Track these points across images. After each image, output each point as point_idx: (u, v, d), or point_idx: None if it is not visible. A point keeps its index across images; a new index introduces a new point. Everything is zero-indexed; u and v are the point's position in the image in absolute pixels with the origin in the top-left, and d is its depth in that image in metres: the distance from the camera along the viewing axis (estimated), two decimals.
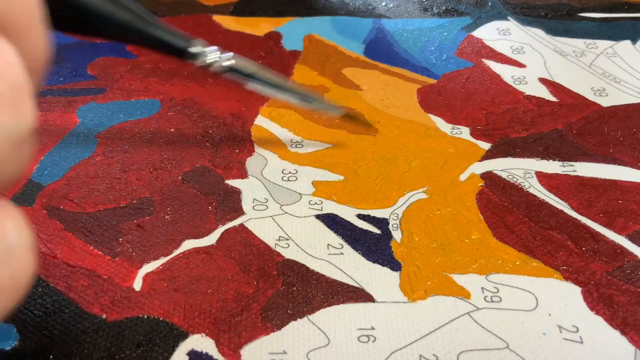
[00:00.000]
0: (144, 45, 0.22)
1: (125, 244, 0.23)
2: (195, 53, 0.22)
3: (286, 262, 0.22)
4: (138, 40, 0.22)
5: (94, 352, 0.19)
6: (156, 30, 0.21)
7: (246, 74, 0.23)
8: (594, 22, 0.36)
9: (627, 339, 0.20)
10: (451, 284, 0.22)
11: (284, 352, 0.19)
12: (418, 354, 0.19)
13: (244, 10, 0.37)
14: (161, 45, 0.22)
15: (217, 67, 0.23)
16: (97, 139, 0.28)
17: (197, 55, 0.22)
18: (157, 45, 0.22)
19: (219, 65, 0.23)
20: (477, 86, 0.31)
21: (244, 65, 0.23)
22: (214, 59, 0.22)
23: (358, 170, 0.26)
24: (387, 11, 0.37)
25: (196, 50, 0.22)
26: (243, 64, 0.23)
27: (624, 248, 0.23)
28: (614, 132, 0.28)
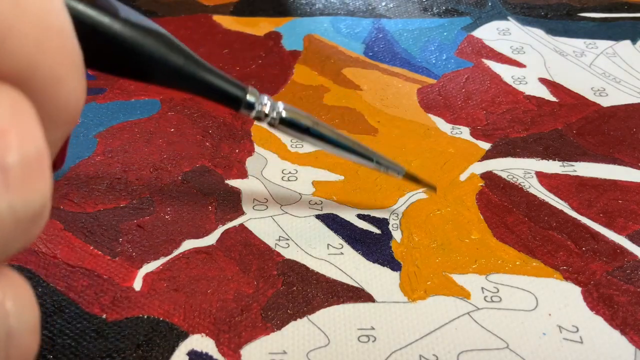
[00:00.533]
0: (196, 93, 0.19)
1: (125, 244, 0.23)
2: (252, 102, 0.20)
3: (286, 262, 0.22)
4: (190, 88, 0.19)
5: (94, 352, 0.19)
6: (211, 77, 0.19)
7: (302, 128, 0.21)
8: (594, 22, 0.36)
9: (627, 339, 0.20)
10: (451, 284, 0.22)
11: (284, 352, 0.19)
12: (418, 354, 0.19)
13: (244, 10, 0.37)
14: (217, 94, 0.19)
15: (272, 120, 0.20)
16: (97, 139, 0.28)
17: (253, 104, 0.20)
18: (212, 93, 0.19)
19: (272, 119, 0.20)
20: (477, 86, 0.31)
21: (299, 116, 0.21)
22: (268, 109, 0.20)
23: (358, 170, 0.26)
24: (387, 11, 0.37)
25: (252, 100, 0.20)
26: (299, 115, 0.21)
27: (624, 248, 0.23)
28: (614, 132, 0.28)
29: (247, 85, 0.20)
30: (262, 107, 0.20)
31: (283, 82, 0.31)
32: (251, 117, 0.20)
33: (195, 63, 0.18)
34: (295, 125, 0.21)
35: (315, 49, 0.34)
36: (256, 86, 0.31)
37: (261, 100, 0.20)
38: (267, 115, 0.20)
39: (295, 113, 0.21)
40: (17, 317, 0.10)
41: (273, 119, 0.20)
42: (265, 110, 0.20)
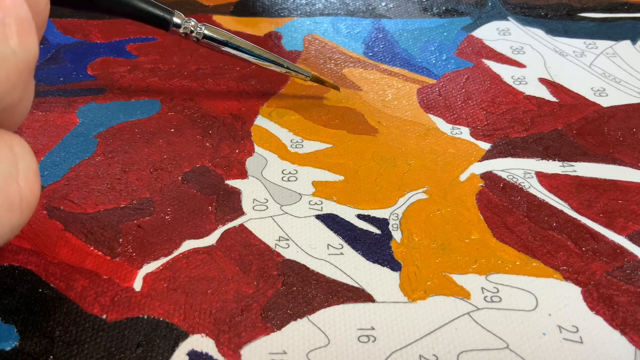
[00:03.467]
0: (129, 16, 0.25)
1: (125, 244, 0.23)
2: (178, 23, 0.26)
3: (286, 262, 0.22)
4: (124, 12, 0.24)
5: (94, 352, 0.19)
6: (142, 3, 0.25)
7: (220, 41, 0.27)
8: (594, 22, 0.36)
9: (627, 339, 0.20)
10: (451, 284, 0.22)
11: (284, 352, 0.19)
12: (418, 354, 0.19)
13: (244, 10, 0.37)
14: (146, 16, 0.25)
15: (195, 35, 0.26)
16: (97, 139, 0.28)
17: (179, 24, 0.26)
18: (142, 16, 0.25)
19: (197, 33, 0.26)
20: (477, 86, 0.31)
21: (218, 33, 0.27)
22: (192, 27, 0.26)
23: (358, 170, 0.26)
24: (387, 11, 0.37)
25: (178, 21, 0.26)
26: (217, 32, 0.27)
27: (624, 248, 0.23)
28: (614, 132, 0.28)
29: (174, 10, 0.26)
30: (188, 26, 0.26)
31: (283, 82, 0.31)
32: (180, 34, 0.26)
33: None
34: (215, 39, 0.27)
35: (315, 49, 0.34)
36: (256, 86, 0.31)
37: (187, 20, 0.26)
38: (192, 32, 0.26)
39: (215, 30, 0.27)
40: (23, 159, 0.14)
41: (198, 34, 0.27)
42: (191, 28, 0.26)
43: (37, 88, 0.31)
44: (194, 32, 0.26)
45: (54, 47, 0.34)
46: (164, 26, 0.26)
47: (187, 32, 0.26)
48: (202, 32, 0.27)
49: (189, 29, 0.26)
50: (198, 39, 0.27)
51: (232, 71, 0.32)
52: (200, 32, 0.26)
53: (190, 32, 0.26)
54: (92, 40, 0.34)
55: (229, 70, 0.32)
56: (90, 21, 0.36)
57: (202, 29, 0.27)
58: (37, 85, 0.31)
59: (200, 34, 0.26)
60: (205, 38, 0.27)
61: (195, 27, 0.26)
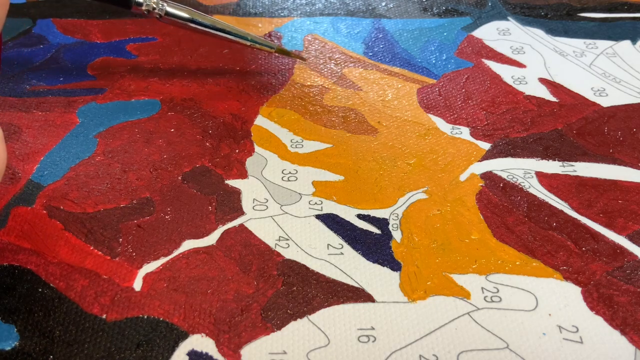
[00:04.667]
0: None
1: (125, 244, 0.23)
2: (139, 2, 0.27)
3: (286, 262, 0.22)
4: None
5: (94, 352, 0.19)
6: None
7: (183, 19, 0.28)
8: (594, 22, 0.36)
9: (627, 339, 0.20)
10: (451, 284, 0.22)
11: (284, 352, 0.19)
12: (418, 354, 0.19)
13: (244, 10, 0.37)
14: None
15: (158, 12, 0.27)
16: (97, 139, 0.28)
17: (140, 2, 0.27)
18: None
19: (159, 10, 0.27)
20: (477, 86, 0.31)
21: (180, 9, 0.28)
22: (154, 5, 0.27)
23: (358, 170, 0.26)
24: (387, 11, 0.37)
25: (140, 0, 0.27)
26: (179, 9, 0.28)
27: (624, 248, 0.23)
28: (614, 132, 0.28)
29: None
30: (150, 3, 0.27)
31: (283, 82, 0.31)
32: (143, 12, 0.27)
33: None
34: (177, 16, 0.28)
35: (315, 49, 0.34)
36: (256, 86, 0.31)
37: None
38: (155, 9, 0.27)
39: (177, 7, 0.28)
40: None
41: (160, 10, 0.28)
42: (153, 5, 0.27)
43: (37, 88, 0.31)
44: (156, 9, 0.27)
45: (54, 47, 0.34)
46: (126, 4, 0.27)
47: (150, 9, 0.27)
48: (164, 9, 0.28)
49: (151, 6, 0.27)
50: (161, 16, 0.28)
51: (232, 71, 0.32)
52: (163, 9, 0.28)
53: (152, 9, 0.27)
54: (92, 40, 0.34)
55: (229, 70, 0.32)
56: (90, 21, 0.36)
57: (164, 5, 0.27)
58: (37, 85, 0.31)
59: (162, 10, 0.28)
60: (167, 15, 0.28)
61: (158, 3, 0.27)
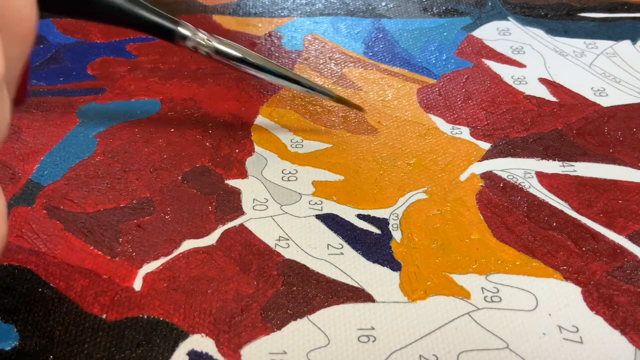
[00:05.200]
0: (133, 27, 0.23)
1: (125, 244, 0.23)
2: (185, 35, 0.23)
3: (286, 262, 0.22)
4: (128, 22, 0.22)
5: (94, 352, 0.19)
6: (146, 12, 0.22)
7: (233, 58, 0.24)
8: (594, 22, 0.36)
9: (627, 339, 0.20)
10: (451, 284, 0.22)
11: (284, 352, 0.19)
12: (418, 354, 0.19)
13: (244, 10, 0.37)
14: (151, 26, 0.23)
15: (205, 49, 0.24)
16: (97, 139, 0.28)
17: (186, 37, 0.23)
18: (146, 27, 0.23)
19: (207, 47, 0.24)
20: (477, 86, 0.31)
21: (230, 47, 0.24)
22: (201, 40, 0.24)
23: (358, 170, 0.26)
24: (387, 11, 0.37)
25: (185, 32, 0.23)
26: (230, 47, 0.24)
27: (624, 248, 0.23)
28: (614, 132, 0.28)
29: (180, 20, 0.24)
30: (197, 38, 0.24)
31: None
32: (189, 48, 0.24)
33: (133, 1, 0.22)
34: (229, 55, 0.24)
35: (315, 49, 0.34)
36: (256, 86, 0.31)
37: (196, 32, 0.24)
38: (203, 45, 0.24)
39: (229, 45, 0.24)
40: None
41: (208, 48, 0.24)
42: (200, 41, 0.24)
43: (37, 88, 0.31)
44: (204, 45, 0.24)
45: (54, 47, 0.34)
46: (169, 38, 0.24)
47: (196, 45, 0.24)
48: (212, 46, 0.24)
49: (197, 42, 0.24)
50: (209, 54, 0.24)
51: (232, 71, 0.32)
52: (211, 46, 0.24)
53: (199, 45, 0.24)
54: (92, 40, 0.34)
55: (229, 70, 0.32)
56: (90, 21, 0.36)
57: (213, 42, 0.24)
58: (37, 85, 0.31)
59: (210, 47, 0.24)
60: (217, 53, 0.24)
61: (205, 40, 0.24)
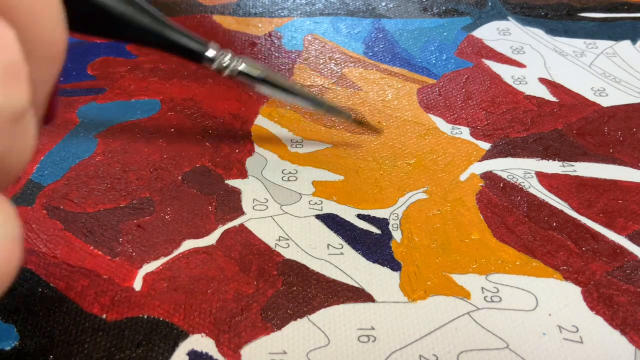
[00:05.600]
0: (161, 48, 0.22)
1: (125, 244, 0.23)
2: (212, 57, 0.23)
3: (286, 262, 0.22)
4: (156, 44, 0.22)
5: (94, 352, 0.19)
6: (174, 34, 0.22)
7: (257, 78, 0.24)
8: (594, 22, 0.36)
9: (627, 339, 0.20)
10: (451, 284, 0.22)
11: (284, 352, 0.19)
12: (418, 354, 0.19)
13: (244, 10, 0.37)
14: (179, 49, 0.22)
15: (231, 71, 0.23)
16: (97, 139, 0.28)
17: (214, 59, 0.23)
18: (175, 49, 0.22)
19: (232, 69, 0.23)
20: (477, 86, 0.31)
21: (255, 69, 0.24)
22: (227, 62, 0.23)
23: (358, 170, 0.26)
24: (387, 11, 0.37)
25: (212, 55, 0.23)
26: (254, 68, 0.24)
27: (624, 248, 0.23)
28: (614, 132, 0.28)
29: (209, 41, 0.23)
30: (222, 60, 0.23)
31: None
32: (213, 69, 0.23)
33: (161, 23, 0.22)
34: (251, 76, 0.24)
35: (315, 49, 0.34)
36: None
37: (222, 54, 0.23)
38: (227, 67, 0.23)
39: (252, 66, 0.24)
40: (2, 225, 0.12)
41: (232, 70, 0.23)
42: (224, 63, 0.23)
43: None
44: (229, 67, 0.23)
45: None
46: (197, 60, 0.23)
47: (220, 68, 0.23)
48: (236, 69, 0.23)
49: (221, 65, 0.23)
50: (232, 76, 0.23)
51: None
52: (235, 69, 0.23)
53: (223, 67, 0.23)
54: (92, 40, 0.34)
55: None
56: None
57: (239, 62, 0.23)
58: None
59: (234, 70, 0.23)
60: (240, 74, 0.23)
61: (232, 60, 0.23)
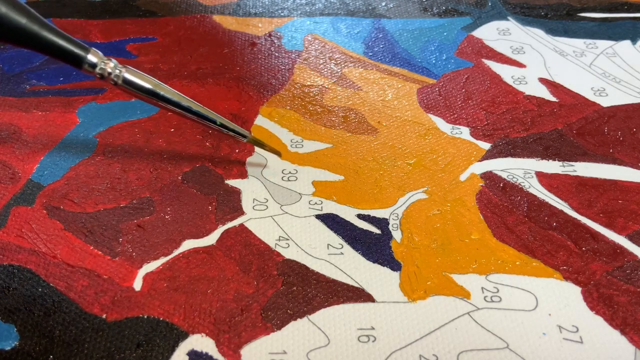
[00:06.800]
0: (40, 50, 0.22)
1: (125, 244, 0.23)
2: (93, 62, 0.22)
3: (286, 262, 0.22)
4: (34, 45, 0.21)
5: (94, 352, 0.19)
6: (53, 36, 0.21)
7: (143, 89, 0.23)
8: (594, 22, 0.36)
9: (627, 339, 0.20)
10: (451, 284, 0.22)
11: (284, 352, 0.19)
12: (418, 354, 0.19)
13: (244, 10, 0.37)
14: (58, 51, 0.22)
15: (114, 79, 0.22)
16: (97, 139, 0.28)
17: (95, 64, 0.22)
18: (53, 51, 0.22)
19: (115, 76, 0.22)
20: (477, 86, 0.31)
21: (141, 78, 0.23)
22: (110, 70, 0.22)
23: (358, 170, 0.26)
24: (387, 11, 0.37)
25: (93, 60, 0.22)
26: (141, 77, 0.23)
27: (624, 248, 0.23)
28: (614, 132, 0.28)
29: (90, 47, 0.22)
30: (105, 66, 0.22)
31: (283, 82, 0.31)
32: (96, 75, 0.22)
33: (39, 23, 0.21)
34: (137, 86, 0.23)
35: (315, 48, 0.34)
36: (256, 86, 0.31)
37: (104, 60, 0.22)
38: (110, 74, 0.22)
39: (138, 75, 0.23)
40: None
41: (116, 76, 0.22)
42: (108, 69, 0.22)
43: (37, 88, 0.31)
44: (112, 74, 0.22)
45: None
46: (77, 64, 0.22)
47: (104, 74, 0.22)
48: (121, 76, 0.23)
49: (105, 71, 0.22)
50: (116, 83, 0.23)
51: (232, 71, 0.32)
52: (119, 76, 0.23)
53: (108, 74, 0.22)
54: (92, 40, 0.34)
55: (229, 70, 0.32)
56: (90, 21, 0.36)
57: (123, 71, 0.23)
58: (37, 85, 0.31)
59: (119, 77, 0.23)
60: (125, 83, 0.23)
61: (115, 69, 0.22)
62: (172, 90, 0.24)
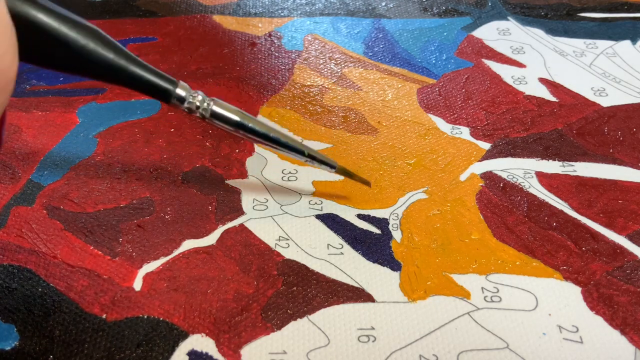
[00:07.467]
0: (126, 85, 0.20)
1: (125, 244, 0.23)
2: (182, 96, 0.21)
3: (286, 262, 0.22)
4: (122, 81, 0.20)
5: (94, 352, 0.19)
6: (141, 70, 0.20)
7: (232, 122, 0.22)
8: (594, 22, 0.36)
9: (627, 339, 0.20)
10: (451, 284, 0.22)
11: (284, 352, 0.19)
12: (418, 354, 0.19)
13: (244, 10, 0.37)
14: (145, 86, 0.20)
15: (202, 112, 0.21)
16: (97, 139, 0.28)
17: (183, 98, 0.21)
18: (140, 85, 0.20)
19: (203, 109, 0.21)
20: (477, 86, 0.31)
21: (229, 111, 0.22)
22: (199, 103, 0.21)
23: (358, 170, 0.26)
24: (387, 11, 0.37)
25: (182, 93, 0.21)
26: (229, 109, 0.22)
27: (624, 248, 0.23)
28: (614, 132, 0.28)
29: (178, 80, 0.21)
30: (193, 100, 0.21)
31: (283, 82, 0.31)
32: (183, 109, 0.21)
33: (126, 57, 0.20)
34: (225, 119, 0.22)
35: (315, 49, 0.34)
36: (256, 86, 0.31)
37: (192, 94, 0.21)
38: (198, 107, 0.21)
39: (226, 107, 0.22)
40: None
41: (204, 110, 0.21)
42: (197, 103, 0.21)
43: (37, 88, 0.31)
44: (200, 108, 0.21)
45: None
46: (165, 98, 0.21)
47: (192, 107, 0.21)
48: (209, 109, 0.21)
49: (194, 105, 0.21)
50: (204, 116, 0.21)
51: (232, 71, 0.32)
52: (207, 109, 0.21)
53: (196, 107, 0.21)
54: None
55: (229, 70, 0.32)
56: (90, 21, 0.36)
57: (211, 104, 0.21)
58: (37, 85, 0.31)
59: (207, 110, 0.21)
60: (213, 117, 0.22)
61: (203, 102, 0.21)
62: (262, 122, 0.22)
